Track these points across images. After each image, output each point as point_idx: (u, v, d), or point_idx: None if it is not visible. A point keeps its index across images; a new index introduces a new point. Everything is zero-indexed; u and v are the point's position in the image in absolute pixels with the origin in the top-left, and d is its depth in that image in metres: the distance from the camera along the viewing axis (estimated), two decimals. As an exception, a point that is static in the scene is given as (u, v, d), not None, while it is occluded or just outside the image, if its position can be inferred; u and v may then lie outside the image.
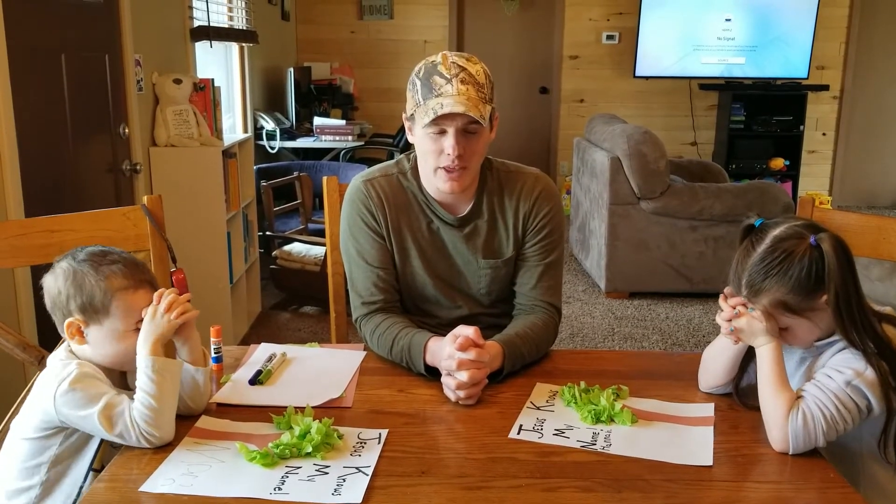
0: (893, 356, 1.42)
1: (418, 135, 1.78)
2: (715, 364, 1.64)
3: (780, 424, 1.41)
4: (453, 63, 1.72)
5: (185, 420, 1.51)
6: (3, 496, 1.47)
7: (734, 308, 1.49)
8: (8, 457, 1.49)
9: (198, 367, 1.52)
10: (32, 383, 1.74)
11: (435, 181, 1.80)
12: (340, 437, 1.44)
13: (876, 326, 1.44)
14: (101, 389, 1.42)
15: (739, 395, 1.61)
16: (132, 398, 1.43)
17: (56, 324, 1.51)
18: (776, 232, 1.47)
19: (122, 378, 1.55)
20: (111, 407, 1.39)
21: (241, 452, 1.37)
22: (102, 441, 1.47)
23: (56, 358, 1.50)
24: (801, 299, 1.44)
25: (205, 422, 1.51)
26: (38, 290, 1.54)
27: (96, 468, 1.47)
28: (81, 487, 1.47)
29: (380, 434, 1.46)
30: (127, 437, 1.39)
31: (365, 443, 1.43)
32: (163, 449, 1.41)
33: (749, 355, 1.57)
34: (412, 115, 1.77)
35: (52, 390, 1.40)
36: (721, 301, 1.53)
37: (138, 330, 1.47)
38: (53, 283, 1.48)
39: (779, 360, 1.46)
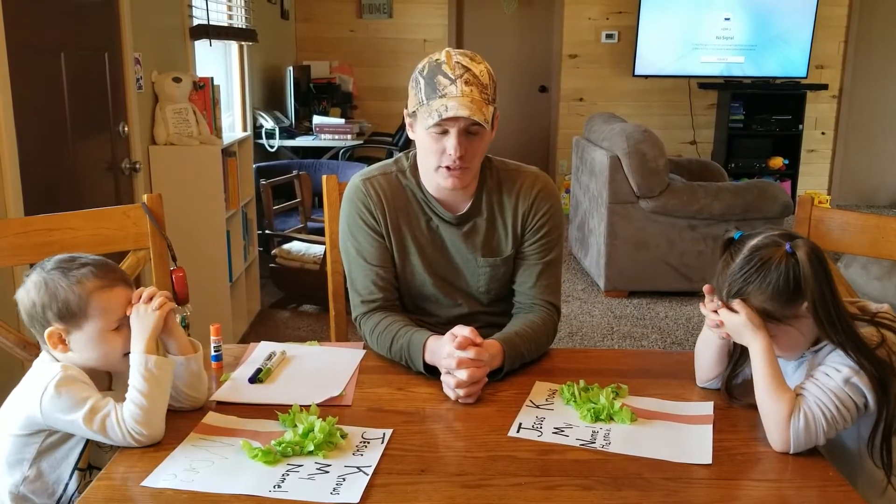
0: (872, 356, 1.43)
1: (420, 133, 1.78)
2: (703, 357, 1.66)
3: (782, 426, 1.41)
4: (457, 63, 1.71)
5: (192, 414, 1.52)
6: None
7: (715, 312, 1.52)
8: None
9: (189, 356, 1.52)
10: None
11: (436, 178, 1.80)
12: (344, 436, 1.44)
13: (855, 328, 1.45)
14: (85, 393, 1.41)
15: (729, 392, 1.61)
16: (117, 399, 1.43)
17: (36, 336, 1.50)
18: (753, 242, 1.49)
19: (108, 380, 1.55)
20: (97, 410, 1.39)
21: (245, 449, 1.38)
22: (88, 442, 1.46)
23: (40, 361, 1.50)
24: (782, 307, 1.45)
25: (211, 418, 1.52)
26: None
27: (82, 468, 1.48)
28: (67, 485, 1.47)
29: (384, 434, 1.46)
30: (114, 437, 1.39)
31: (368, 442, 1.43)
32: (167, 444, 1.41)
33: (744, 353, 1.58)
34: (414, 112, 1.77)
35: (38, 394, 1.40)
36: (702, 308, 1.55)
37: (118, 330, 1.47)
38: (26, 297, 1.47)
39: (771, 358, 1.46)
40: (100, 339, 1.47)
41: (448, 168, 1.76)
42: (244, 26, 5.37)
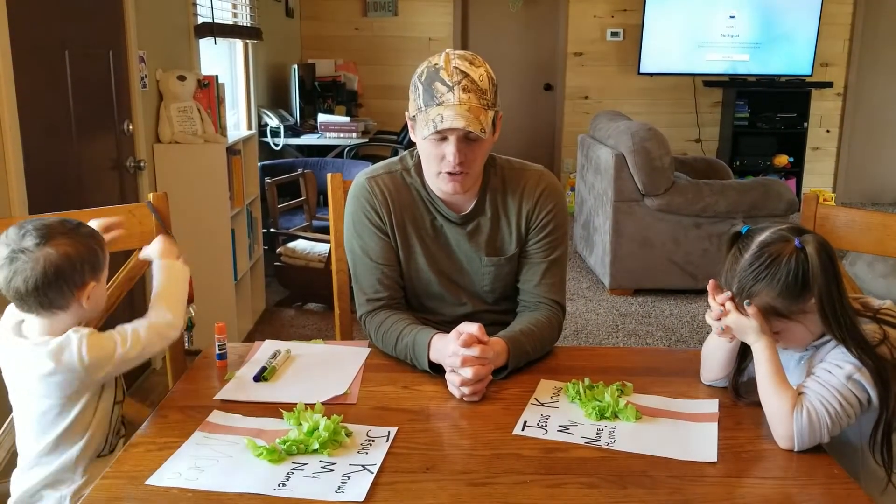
0: (873, 352, 1.42)
1: (420, 138, 1.78)
2: (712, 359, 1.65)
3: (785, 423, 1.41)
4: (455, 69, 1.70)
5: (197, 414, 1.52)
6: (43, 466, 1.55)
7: (722, 305, 1.50)
8: (33, 439, 1.54)
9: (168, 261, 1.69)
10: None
11: (437, 183, 1.81)
12: (349, 434, 1.44)
13: (858, 324, 1.45)
14: (105, 333, 1.51)
15: (736, 390, 1.61)
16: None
17: (49, 299, 1.46)
18: (762, 237, 1.48)
19: None
20: (124, 332, 1.50)
21: (249, 447, 1.38)
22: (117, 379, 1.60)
23: (34, 344, 1.47)
24: (791, 303, 1.44)
25: (216, 416, 1.52)
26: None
27: (119, 401, 1.60)
28: (111, 419, 1.59)
29: (388, 432, 1.46)
30: (147, 341, 1.51)
31: (373, 441, 1.43)
32: (172, 443, 1.41)
33: (748, 351, 1.58)
34: (414, 116, 1.77)
35: (74, 359, 1.44)
36: (710, 299, 1.54)
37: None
38: (58, 256, 1.44)
39: (774, 357, 1.46)
40: (104, 288, 1.58)
41: (449, 174, 1.76)
42: (249, 24, 5.37)
